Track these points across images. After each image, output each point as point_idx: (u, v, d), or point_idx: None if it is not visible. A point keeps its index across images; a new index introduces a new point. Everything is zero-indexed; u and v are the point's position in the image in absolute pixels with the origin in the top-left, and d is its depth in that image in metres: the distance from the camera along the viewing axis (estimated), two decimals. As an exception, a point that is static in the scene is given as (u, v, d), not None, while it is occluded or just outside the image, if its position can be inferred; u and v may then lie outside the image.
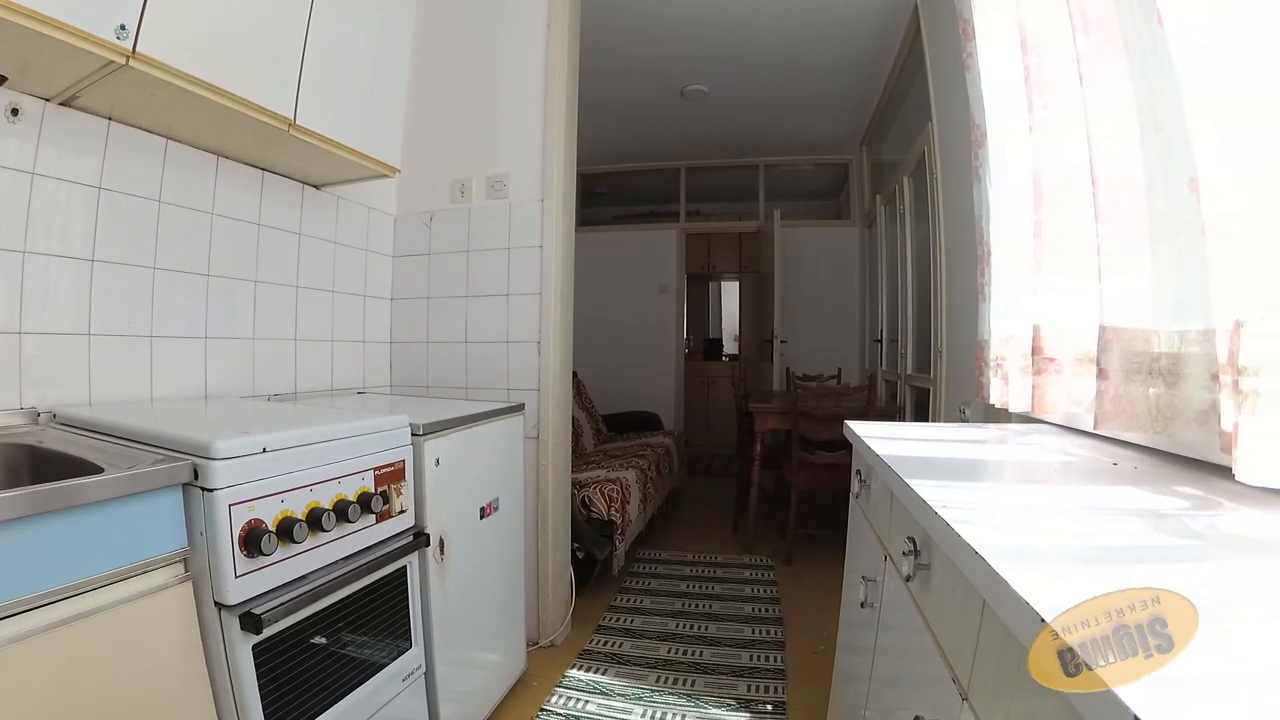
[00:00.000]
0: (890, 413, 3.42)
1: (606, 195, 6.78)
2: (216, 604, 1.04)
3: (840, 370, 4.63)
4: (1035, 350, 1.28)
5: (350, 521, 1.30)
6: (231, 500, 1.04)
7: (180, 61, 1.30)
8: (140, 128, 1.56)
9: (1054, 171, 1.30)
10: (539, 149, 2.38)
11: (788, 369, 4.83)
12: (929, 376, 2.97)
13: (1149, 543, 0.68)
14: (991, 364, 1.75)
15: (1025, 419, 1.77)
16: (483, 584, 1.86)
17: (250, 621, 1.05)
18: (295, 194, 2.13)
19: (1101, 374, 1.09)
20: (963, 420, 2.45)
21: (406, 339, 2.60)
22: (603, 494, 2.82)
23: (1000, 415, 2.06)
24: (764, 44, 3.67)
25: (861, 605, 1.18)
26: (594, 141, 5.36)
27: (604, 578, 2.90)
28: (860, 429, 1.39)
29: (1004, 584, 0.53)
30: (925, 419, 3.04)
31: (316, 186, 2.23)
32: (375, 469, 1.40)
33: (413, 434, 1.53)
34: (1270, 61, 0.85)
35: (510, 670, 2.04)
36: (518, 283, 2.36)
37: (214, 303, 1.82)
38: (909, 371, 3.46)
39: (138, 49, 1.21)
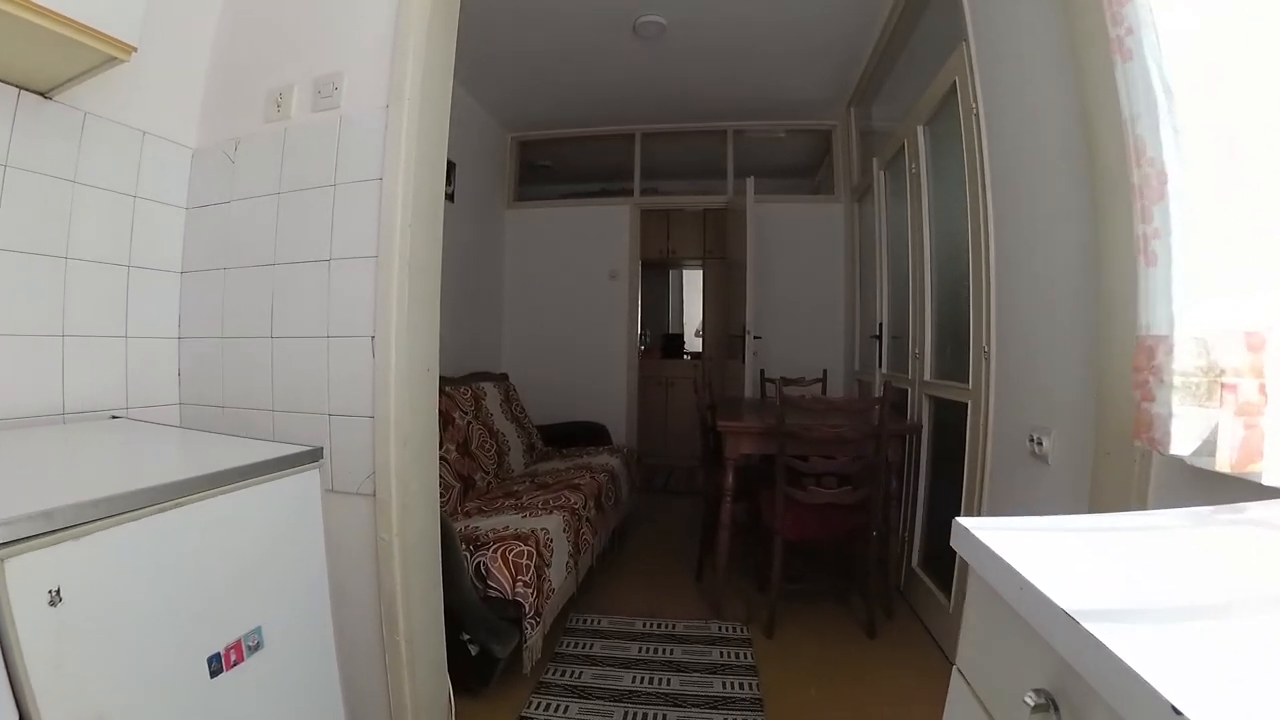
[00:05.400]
0: (902, 434, 2.61)
1: (551, 170, 5.87)
2: None
3: (825, 373, 3.83)
4: None
5: None
6: None
7: None
8: None
9: None
10: (390, 30, 1.49)
11: (761, 371, 4.02)
12: (965, 386, 2.17)
13: None
14: (1180, 382, 0.94)
15: (1203, 474, 0.96)
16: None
17: None
18: (4, 104, 1.31)
19: None
20: (1036, 455, 1.65)
21: (199, 332, 1.70)
22: (505, 560, 1.93)
23: (1120, 461, 1.26)
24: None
25: None
26: (534, 98, 4.49)
27: (512, 674, 2.02)
28: (1005, 549, 0.56)
29: None
30: (952, 443, 2.24)
31: (43, 94, 1.40)
32: None
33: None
34: None
35: None
36: (344, 240, 1.45)
37: None
38: (926, 377, 2.66)
39: None
